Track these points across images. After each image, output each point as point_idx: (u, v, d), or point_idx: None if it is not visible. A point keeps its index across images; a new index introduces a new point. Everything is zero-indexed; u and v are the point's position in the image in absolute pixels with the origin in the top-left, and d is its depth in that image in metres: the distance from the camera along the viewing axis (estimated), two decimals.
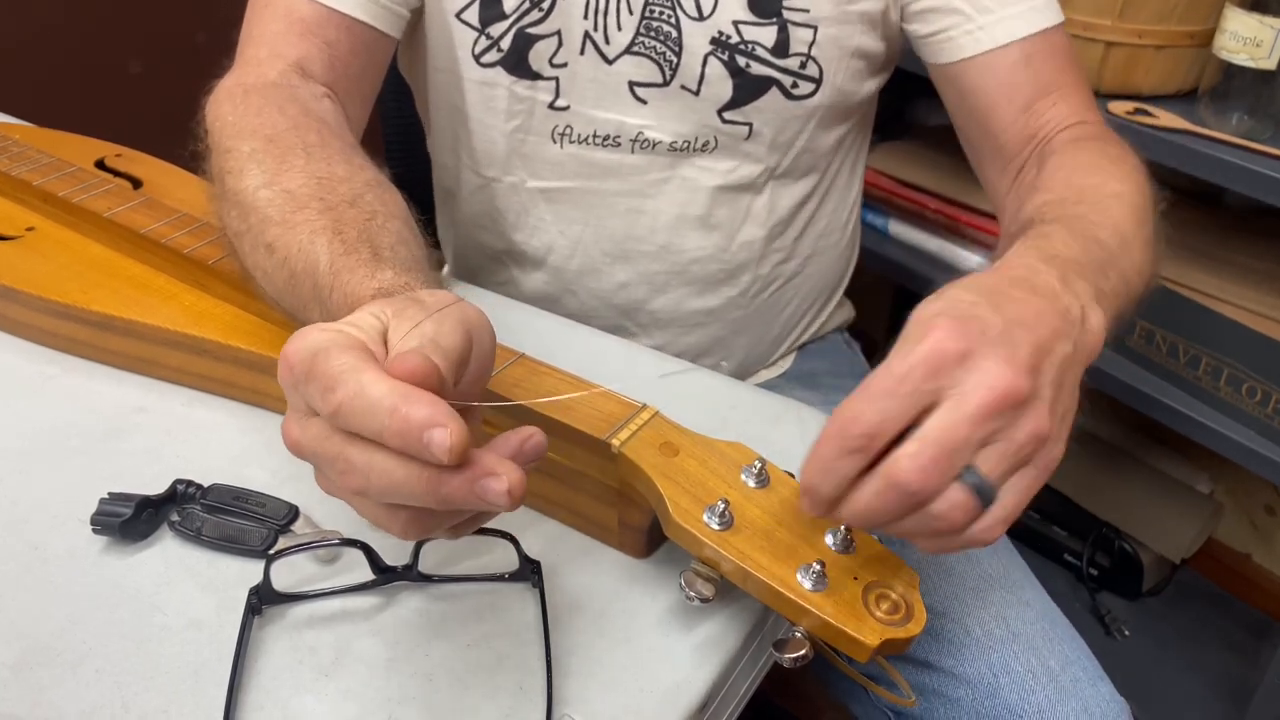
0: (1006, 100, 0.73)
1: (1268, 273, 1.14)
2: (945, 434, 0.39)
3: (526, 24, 0.71)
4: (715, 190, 0.78)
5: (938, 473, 0.39)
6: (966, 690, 0.67)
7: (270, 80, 0.65)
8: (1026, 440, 0.41)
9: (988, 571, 0.73)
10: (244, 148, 0.58)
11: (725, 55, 0.72)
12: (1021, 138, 0.74)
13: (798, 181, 0.81)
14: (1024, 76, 0.72)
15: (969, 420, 0.39)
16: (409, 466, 0.36)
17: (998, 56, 0.72)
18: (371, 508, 0.39)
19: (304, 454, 0.39)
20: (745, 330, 0.87)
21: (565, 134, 0.76)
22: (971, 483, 0.40)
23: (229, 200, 0.57)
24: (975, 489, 0.40)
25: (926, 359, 0.40)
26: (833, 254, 0.89)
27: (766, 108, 0.75)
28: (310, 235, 0.52)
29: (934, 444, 0.39)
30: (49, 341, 0.66)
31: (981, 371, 0.40)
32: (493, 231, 0.84)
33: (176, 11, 1.54)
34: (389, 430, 0.36)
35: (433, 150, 0.86)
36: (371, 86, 0.73)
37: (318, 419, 0.38)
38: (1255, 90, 1.00)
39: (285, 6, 0.68)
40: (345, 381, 0.36)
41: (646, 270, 0.81)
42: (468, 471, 0.37)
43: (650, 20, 0.71)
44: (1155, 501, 1.41)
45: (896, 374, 0.40)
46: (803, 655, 0.44)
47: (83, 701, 0.45)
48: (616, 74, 0.73)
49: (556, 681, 0.46)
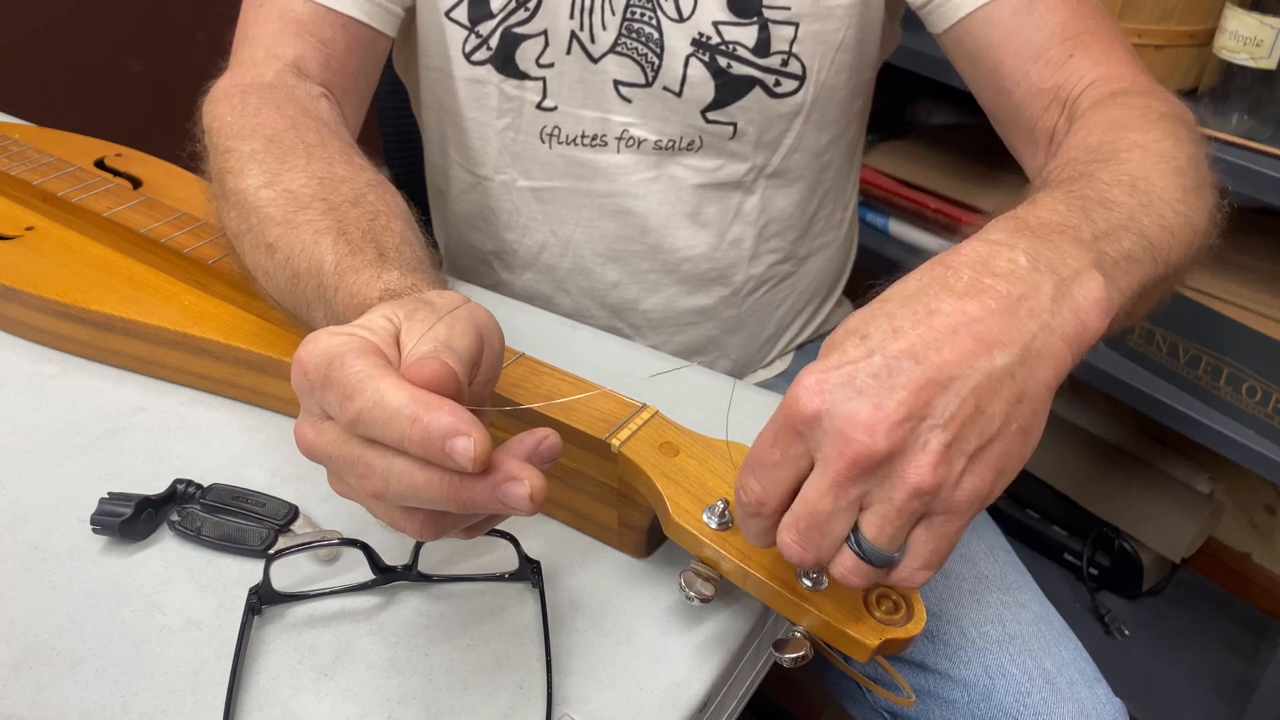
0: (1012, 52, 0.67)
1: (1268, 273, 1.14)
2: (812, 506, 0.38)
3: (513, 23, 0.72)
4: (702, 188, 0.78)
5: (814, 544, 0.39)
6: (962, 692, 0.67)
7: (267, 81, 0.65)
8: (906, 499, 0.37)
9: (984, 573, 0.73)
10: (244, 148, 0.58)
11: (706, 56, 0.72)
12: (1036, 93, 0.67)
13: (792, 182, 0.81)
14: (1027, 23, 0.66)
15: (829, 490, 0.38)
16: (429, 472, 0.37)
17: (995, 7, 0.67)
18: (387, 510, 0.39)
19: (318, 457, 0.39)
20: (739, 329, 0.87)
21: (554, 134, 0.76)
22: (854, 549, 0.39)
23: (229, 200, 0.57)
24: (861, 554, 0.39)
25: (784, 425, 0.39)
26: (828, 253, 0.89)
27: (750, 107, 0.74)
28: (314, 235, 0.52)
29: (804, 516, 0.39)
30: (49, 341, 0.66)
31: (834, 434, 0.37)
32: (484, 231, 0.84)
33: (176, 11, 1.54)
34: (410, 439, 0.36)
35: (427, 151, 0.87)
36: (368, 86, 0.73)
37: (332, 423, 0.38)
38: (1255, 90, 1.00)
39: (280, 6, 0.68)
40: (363, 389, 0.37)
41: (638, 269, 0.81)
42: (489, 477, 0.37)
43: (631, 21, 0.71)
44: (1155, 501, 1.41)
45: (765, 442, 0.40)
46: (802, 655, 0.44)
47: (82, 701, 0.45)
48: (602, 73, 0.73)
49: (556, 681, 0.46)
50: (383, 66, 0.74)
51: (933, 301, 0.39)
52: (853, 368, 0.38)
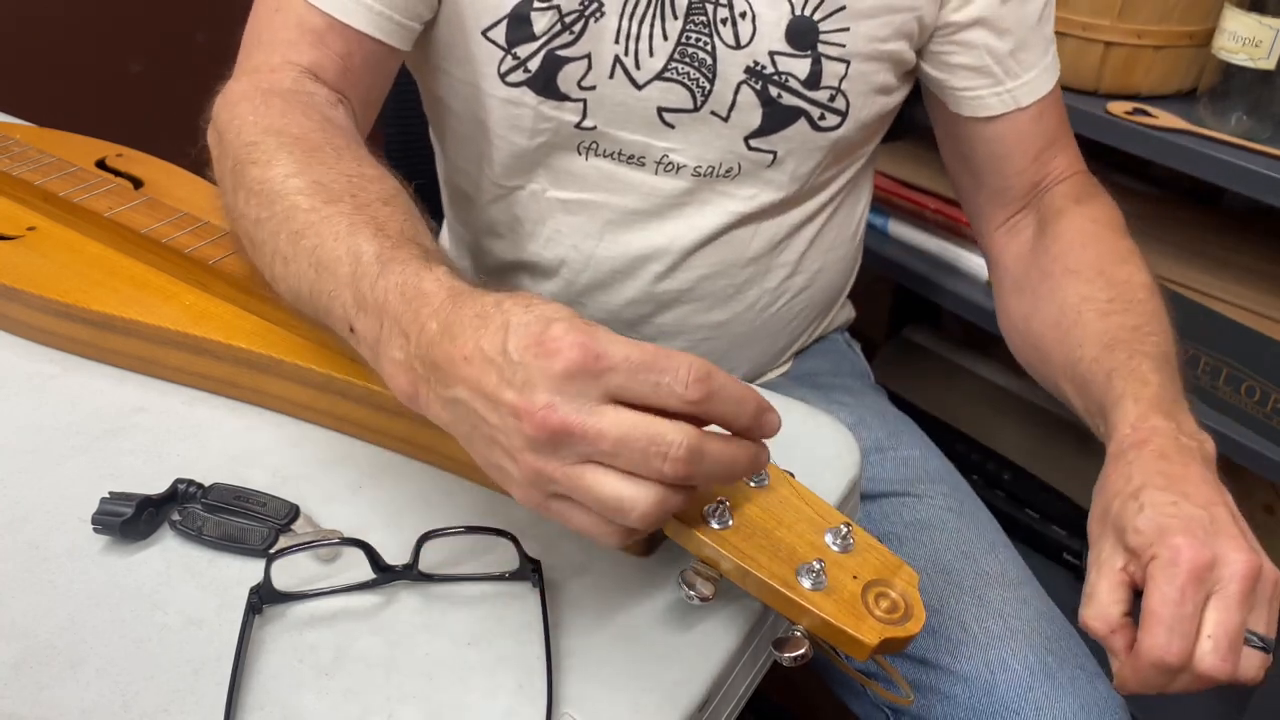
0: (1020, 152, 0.79)
1: (1267, 273, 1.14)
2: (1226, 626, 0.51)
3: (557, 46, 0.70)
4: (732, 214, 0.78)
5: (1235, 654, 0.51)
6: (964, 687, 0.67)
7: (286, 87, 0.64)
8: (1273, 592, 0.53)
9: (986, 569, 0.73)
10: (271, 141, 0.58)
11: (758, 84, 0.72)
12: (1027, 185, 0.81)
13: (807, 201, 0.81)
14: (1036, 130, 0.79)
15: (1238, 606, 0.51)
16: (740, 443, 0.43)
17: (1019, 115, 0.78)
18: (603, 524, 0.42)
19: (597, 440, 0.40)
20: (752, 343, 0.87)
21: (591, 148, 0.75)
22: (1258, 646, 0.51)
23: (250, 190, 0.56)
24: (1263, 647, 0.51)
25: (1190, 575, 0.51)
26: (839, 266, 0.89)
27: (793, 137, 0.75)
28: (350, 227, 0.51)
29: (1225, 637, 0.50)
30: (50, 341, 0.66)
31: (1232, 564, 0.51)
32: (507, 240, 0.83)
33: (176, 11, 1.54)
34: (748, 412, 0.42)
35: (448, 154, 0.85)
36: (379, 96, 0.73)
37: (617, 407, 0.40)
38: (1254, 90, 1.00)
39: (297, 15, 0.67)
40: (715, 371, 0.41)
41: (656, 287, 0.81)
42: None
43: (686, 46, 0.71)
44: None
45: (1173, 599, 0.51)
46: (802, 654, 0.44)
47: (83, 700, 0.45)
48: (645, 99, 0.72)
49: (556, 680, 0.46)
50: (394, 78, 0.74)
51: (1180, 475, 0.56)
52: (1198, 524, 0.53)
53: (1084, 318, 0.69)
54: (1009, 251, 0.82)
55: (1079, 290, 0.71)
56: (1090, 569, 0.56)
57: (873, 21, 0.72)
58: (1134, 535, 0.53)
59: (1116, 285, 0.71)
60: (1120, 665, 0.54)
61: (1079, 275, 0.72)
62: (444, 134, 0.84)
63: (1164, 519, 0.53)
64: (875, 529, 0.78)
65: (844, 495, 0.58)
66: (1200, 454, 0.58)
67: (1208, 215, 1.28)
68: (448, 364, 0.43)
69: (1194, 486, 0.55)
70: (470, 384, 0.42)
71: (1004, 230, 0.83)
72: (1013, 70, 0.76)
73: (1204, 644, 0.50)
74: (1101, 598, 0.54)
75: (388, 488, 0.57)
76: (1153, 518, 0.53)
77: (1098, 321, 0.68)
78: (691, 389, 0.40)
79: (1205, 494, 0.55)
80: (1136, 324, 0.67)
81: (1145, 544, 0.53)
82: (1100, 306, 0.69)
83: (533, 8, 0.69)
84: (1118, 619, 0.53)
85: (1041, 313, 0.74)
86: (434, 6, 0.71)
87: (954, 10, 0.74)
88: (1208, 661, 0.50)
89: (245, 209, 0.57)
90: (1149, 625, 0.51)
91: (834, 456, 0.60)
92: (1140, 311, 0.68)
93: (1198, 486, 0.55)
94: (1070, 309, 0.71)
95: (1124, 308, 0.69)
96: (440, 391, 0.44)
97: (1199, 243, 1.19)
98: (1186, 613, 0.50)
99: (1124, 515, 0.55)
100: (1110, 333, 0.67)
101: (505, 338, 0.41)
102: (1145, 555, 0.52)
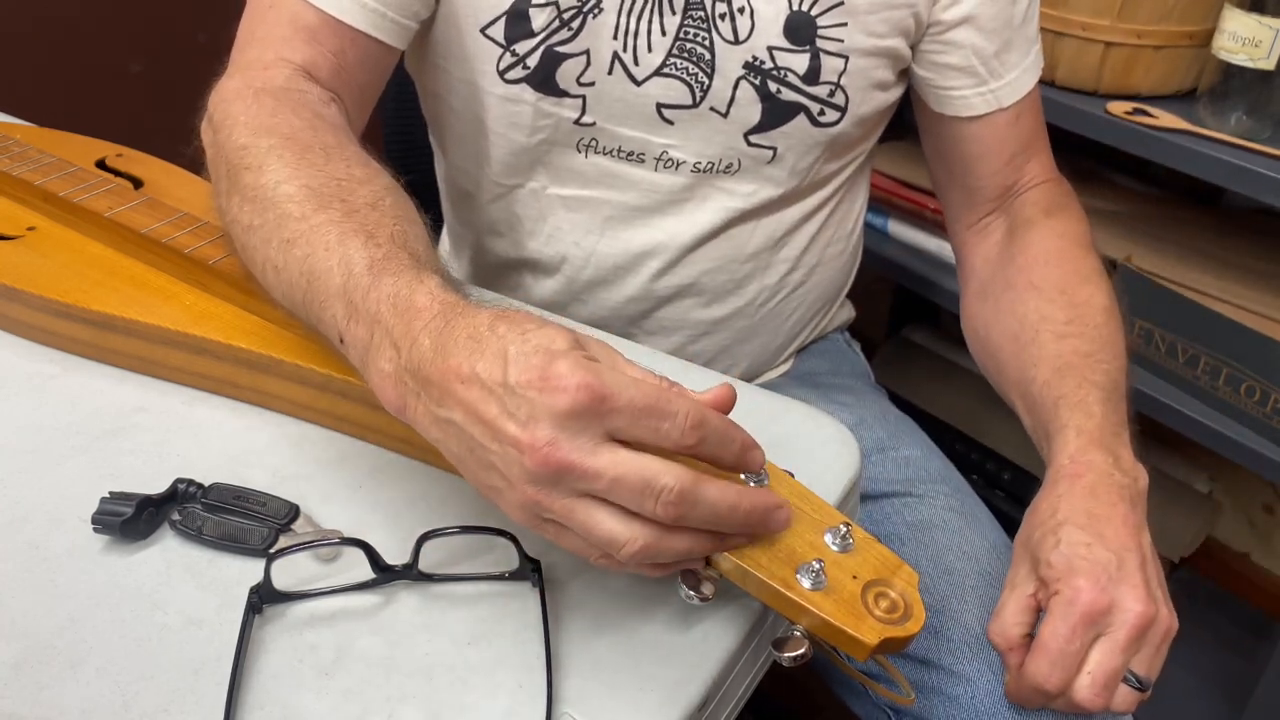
0: (995, 154, 0.81)
1: (1267, 273, 1.14)
2: (1106, 667, 0.55)
3: (555, 42, 0.70)
4: (731, 209, 0.78)
5: (1109, 692, 0.55)
6: (965, 688, 0.67)
7: (279, 84, 0.64)
8: (1162, 639, 0.57)
9: (988, 570, 0.73)
10: (262, 144, 0.58)
11: (757, 80, 0.72)
12: (999, 187, 0.82)
13: (806, 198, 0.81)
14: (1013, 132, 0.80)
15: (1122, 650, 0.55)
16: (735, 487, 0.44)
17: (999, 115, 0.79)
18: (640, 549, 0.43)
19: (599, 477, 0.41)
20: (751, 339, 0.87)
21: (590, 145, 0.75)
22: (1134, 685, 0.56)
23: (244, 195, 0.57)
24: (1139, 686, 0.56)
25: (1083, 617, 0.55)
26: (838, 263, 0.89)
27: (792, 133, 0.75)
28: (340, 235, 0.51)
29: (1103, 676, 0.55)
30: (50, 341, 0.66)
31: (1125, 612, 0.55)
32: (508, 238, 0.83)
33: (176, 11, 1.54)
34: (732, 453, 0.44)
35: (447, 153, 0.85)
36: (374, 95, 0.73)
37: (616, 446, 0.41)
38: (1254, 90, 1.00)
39: (290, 13, 0.67)
40: (709, 416, 0.42)
41: (656, 284, 0.81)
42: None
43: (685, 41, 0.71)
44: (1153, 500, 1.41)
45: (1063, 635, 0.55)
46: (802, 654, 0.44)
47: (83, 700, 0.45)
48: (644, 95, 0.72)
49: (556, 680, 0.46)
50: (390, 76, 0.74)
51: (1104, 514, 0.60)
52: (1104, 568, 0.57)
53: (1041, 338, 0.72)
54: (978, 253, 0.84)
55: (1039, 308, 0.73)
56: (1005, 586, 0.61)
57: (871, 17, 0.72)
58: (1046, 568, 0.58)
59: (1076, 306, 0.73)
60: (1010, 679, 0.59)
61: (1040, 292, 0.74)
62: (443, 133, 0.83)
63: (1075, 559, 0.57)
64: (876, 529, 0.78)
65: (844, 495, 0.58)
66: (1131, 492, 0.61)
67: (1208, 215, 1.28)
68: (442, 382, 0.43)
69: (1113, 529, 0.58)
70: (467, 409, 0.42)
71: (975, 230, 0.85)
72: (996, 70, 0.77)
73: (1083, 679, 0.55)
74: (1006, 618, 0.59)
75: (388, 488, 0.57)
76: (1065, 555, 0.57)
77: (1053, 344, 0.71)
78: (688, 435, 0.42)
79: (1121, 538, 0.58)
80: (1090, 350, 0.69)
81: (1054, 578, 0.57)
82: (1058, 329, 0.71)
83: (531, 4, 0.69)
84: (1017, 639, 0.58)
85: (1002, 324, 0.76)
86: (431, 5, 0.71)
87: (944, 9, 0.75)
88: (1083, 694, 0.55)
89: (239, 214, 0.57)
90: (1036, 654, 0.55)
91: (834, 456, 0.60)
92: (1095, 337, 0.70)
93: (1116, 530, 0.58)
94: (1029, 326, 0.73)
95: (1079, 331, 0.71)
96: (432, 409, 0.44)
97: (1199, 243, 1.19)
98: (1072, 650, 0.55)
99: (1042, 547, 0.59)
100: (1063, 357, 0.69)
101: (505, 368, 0.41)
102: (1051, 588, 0.57)
